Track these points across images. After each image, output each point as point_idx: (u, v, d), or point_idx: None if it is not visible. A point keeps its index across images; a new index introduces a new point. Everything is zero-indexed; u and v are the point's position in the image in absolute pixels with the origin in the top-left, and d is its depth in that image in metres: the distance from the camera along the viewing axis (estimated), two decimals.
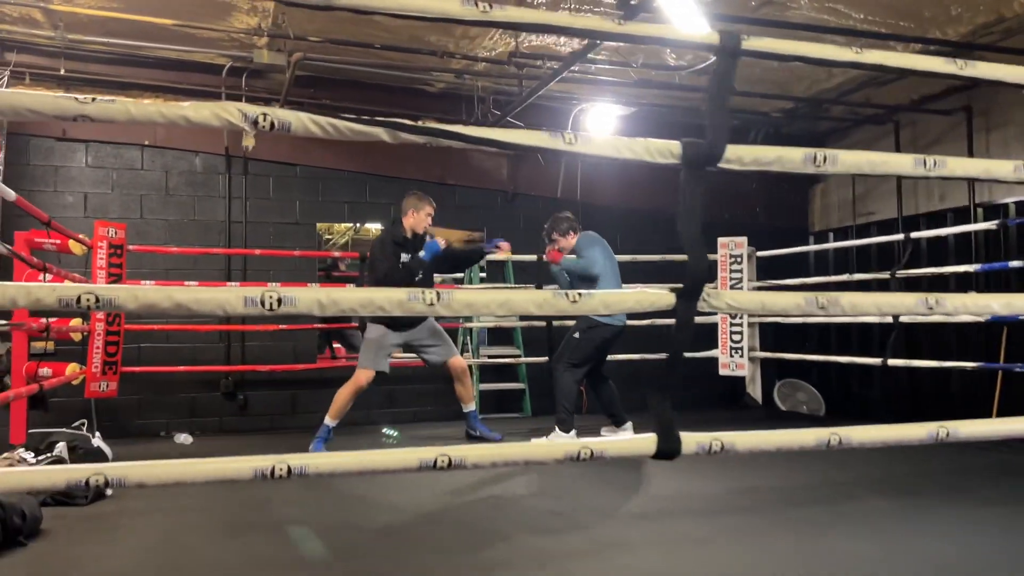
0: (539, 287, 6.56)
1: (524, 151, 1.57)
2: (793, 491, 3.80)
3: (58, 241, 5.36)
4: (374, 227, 7.71)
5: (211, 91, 6.53)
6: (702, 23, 4.46)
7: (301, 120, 1.44)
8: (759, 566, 2.62)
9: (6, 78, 5.82)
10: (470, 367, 7.12)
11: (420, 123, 1.52)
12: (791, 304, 1.81)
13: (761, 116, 7.56)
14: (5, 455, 4.30)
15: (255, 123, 1.43)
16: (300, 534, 3.10)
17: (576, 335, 5.35)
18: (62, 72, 6.07)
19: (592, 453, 1.64)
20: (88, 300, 1.32)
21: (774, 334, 7.80)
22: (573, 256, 5.48)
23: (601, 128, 7.33)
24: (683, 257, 1.68)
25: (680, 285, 1.71)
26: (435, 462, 1.52)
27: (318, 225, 7.26)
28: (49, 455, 4.39)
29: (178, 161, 6.63)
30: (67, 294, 1.32)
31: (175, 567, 2.68)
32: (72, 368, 5.54)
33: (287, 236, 6.90)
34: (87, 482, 1.30)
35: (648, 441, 1.69)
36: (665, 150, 1.67)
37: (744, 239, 6.87)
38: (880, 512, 3.34)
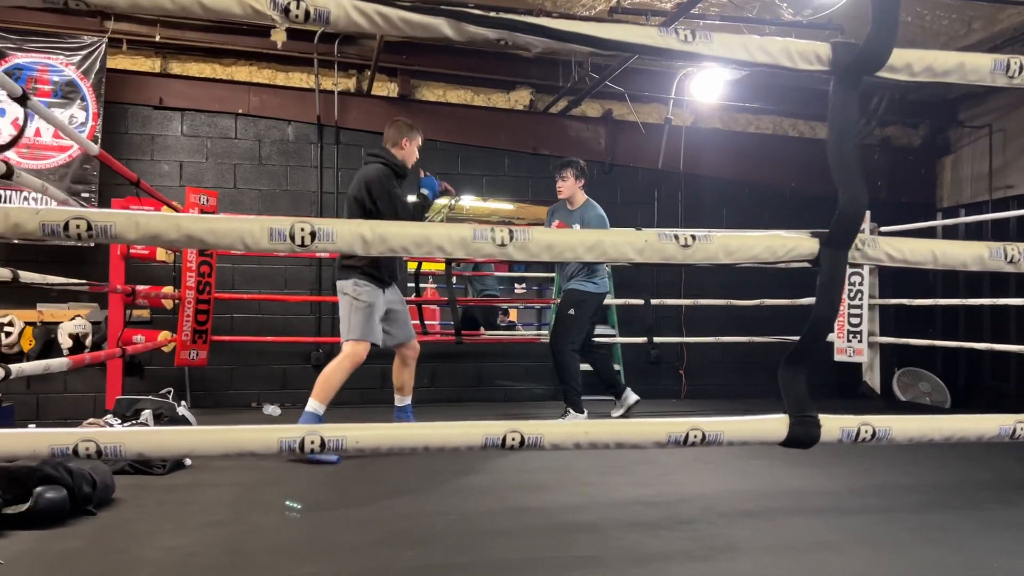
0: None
1: (625, 51, 1.25)
2: (929, 491, 3.32)
3: (151, 209, 5.34)
4: (468, 201, 7.43)
5: (303, 56, 6.42)
6: None
7: (342, 7, 1.15)
8: None
9: (104, 45, 5.83)
10: None
11: (493, 14, 1.21)
12: (971, 256, 1.41)
13: (886, 81, 6.92)
14: (91, 420, 4.28)
15: (286, 11, 1.15)
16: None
17: (571, 312, 5.06)
18: (158, 39, 6.05)
19: (704, 437, 1.30)
20: (79, 226, 1.08)
21: (895, 318, 7.16)
22: (576, 227, 5.09)
23: (709, 93, 6.86)
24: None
25: (824, 230, 1.34)
26: (504, 440, 1.22)
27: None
28: (134, 422, 4.36)
29: (271, 130, 6.54)
30: (52, 219, 1.08)
31: (237, 549, 2.47)
32: (163, 336, 5.54)
33: None
34: (75, 449, 1.07)
35: (778, 424, 1.33)
36: (810, 53, 1.30)
37: (867, 214, 6.26)
38: None
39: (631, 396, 5.42)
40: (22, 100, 2.43)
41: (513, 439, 1.22)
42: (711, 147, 7.33)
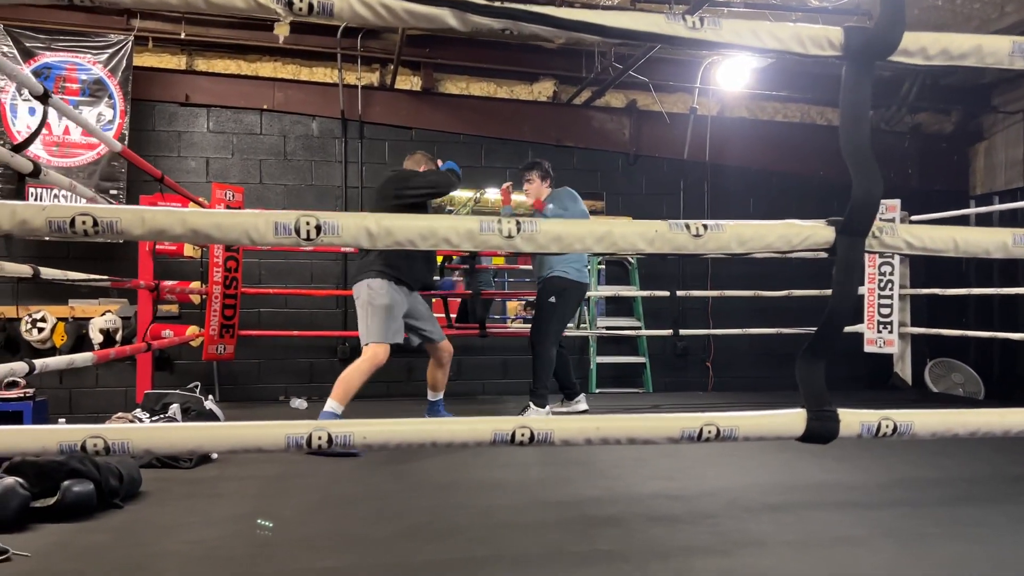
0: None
1: (631, 38, 1.22)
2: (960, 484, 3.26)
3: (177, 205, 5.40)
4: (493, 194, 7.42)
5: (327, 51, 6.44)
6: None
7: (347, 0, 1.15)
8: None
9: (130, 43, 5.90)
10: (587, 339, 6.83)
11: (498, 3, 1.19)
12: (994, 243, 1.37)
13: (903, 65, 6.80)
14: (120, 414, 4.34)
15: (289, 4, 1.14)
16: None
17: (552, 300, 4.81)
18: (183, 36, 6.10)
19: (719, 432, 1.28)
20: (84, 222, 1.09)
21: (927, 307, 7.04)
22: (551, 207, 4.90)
23: (735, 82, 6.78)
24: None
25: (839, 218, 1.31)
26: (513, 435, 1.21)
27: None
28: (162, 416, 4.42)
29: (295, 125, 6.59)
30: (58, 215, 1.09)
31: (260, 543, 2.49)
32: (191, 331, 5.60)
33: None
34: (83, 446, 1.08)
35: (795, 418, 1.30)
36: (821, 38, 1.27)
37: (897, 202, 6.16)
38: None
39: (582, 403, 5.25)
40: (43, 98, 2.47)
41: (522, 435, 1.21)
42: (737, 136, 7.25)
